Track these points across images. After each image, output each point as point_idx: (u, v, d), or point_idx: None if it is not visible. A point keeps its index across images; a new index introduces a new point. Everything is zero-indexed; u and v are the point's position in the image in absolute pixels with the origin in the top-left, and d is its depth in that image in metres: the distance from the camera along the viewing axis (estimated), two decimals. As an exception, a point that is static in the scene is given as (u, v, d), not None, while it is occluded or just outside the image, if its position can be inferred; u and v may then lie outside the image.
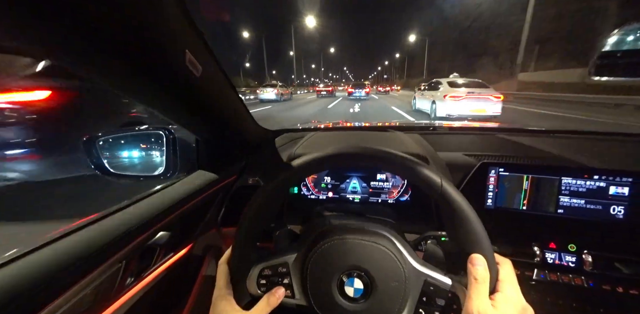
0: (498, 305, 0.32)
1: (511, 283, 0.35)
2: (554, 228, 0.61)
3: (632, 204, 0.56)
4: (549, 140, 0.85)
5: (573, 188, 0.59)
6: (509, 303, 0.33)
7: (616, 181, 0.57)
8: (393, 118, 7.83)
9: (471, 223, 0.35)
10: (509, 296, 0.33)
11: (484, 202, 0.65)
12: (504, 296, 0.33)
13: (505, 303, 0.33)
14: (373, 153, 0.39)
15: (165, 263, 0.55)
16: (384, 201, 0.74)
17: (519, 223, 0.64)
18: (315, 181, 0.77)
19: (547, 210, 0.61)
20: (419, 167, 0.37)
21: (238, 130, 0.68)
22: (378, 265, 0.38)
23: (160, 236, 0.54)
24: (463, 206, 0.35)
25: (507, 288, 0.34)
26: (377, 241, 0.39)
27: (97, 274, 0.39)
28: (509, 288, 0.34)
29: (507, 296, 0.33)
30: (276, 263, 0.41)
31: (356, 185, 0.75)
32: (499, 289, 0.34)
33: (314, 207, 0.69)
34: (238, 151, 0.75)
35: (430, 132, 0.97)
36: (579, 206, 0.59)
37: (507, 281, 0.35)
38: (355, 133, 0.91)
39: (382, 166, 0.43)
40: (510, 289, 0.34)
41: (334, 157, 0.40)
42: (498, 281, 0.35)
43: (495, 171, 0.64)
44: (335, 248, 0.39)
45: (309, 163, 0.40)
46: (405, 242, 0.42)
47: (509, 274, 0.36)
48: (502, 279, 0.35)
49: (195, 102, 0.48)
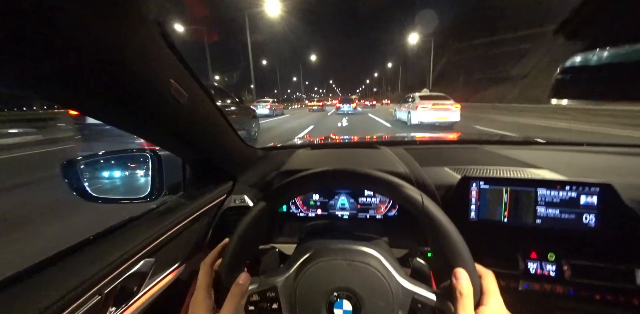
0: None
1: (495, 295, 0.36)
2: (534, 238, 0.63)
3: (601, 212, 0.59)
4: (528, 151, 0.90)
5: (548, 199, 0.62)
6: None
7: (585, 191, 0.60)
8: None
9: (452, 239, 0.36)
10: (493, 309, 0.35)
11: (467, 215, 0.67)
12: (489, 310, 0.34)
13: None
14: (357, 175, 0.40)
15: (148, 292, 0.53)
16: (373, 217, 0.75)
17: (502, 234, 0.66)
18: (304, 199, 0.77)
19: (527, 221, 0.64)
20: (401, 187, 0.39)
21: (225, 151, 0.69)
22: (366, 285, 0.38)
23: (143, 264, 0.52)
24: (444, 222, 0.37)
25: (491, 301, 0.35)
26: (364, 261, 0.39)
27: (75, 308, 0.38)
28: (493, 300, 0.35)
29: (492, 309, 0.34)
30: (264, 288, 0.41)
31: (344, 202, 0.76)
32: (483, 303, 0.35)
33: (302, 225, 0.70)
34: (225, 171, 0.75)
35: (414, 146, 1.01)
36: (555, 216, 0.62)
37: (491, 293, 0.36)
38: (342, 151, 0.92)
39: (367, 187, 0.44)
40: (494, 301, 0.35)
41: (321, 178, 0.41)
42: (482, 294, 0.36)
43: (476, 185, 0.67)
44: (323, 269, 0.39)
45: (296, 185, 0.41)
46: (393, 260, 0.42)
47: (492, 287, 0.37)
48: (486, 292, 0.36)
49: (181, 127, 0.48)
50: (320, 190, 0.77)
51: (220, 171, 0.75)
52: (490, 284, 0.37)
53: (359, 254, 0.41)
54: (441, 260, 0.37)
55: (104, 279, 0.41)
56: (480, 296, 0.36)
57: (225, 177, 0.77)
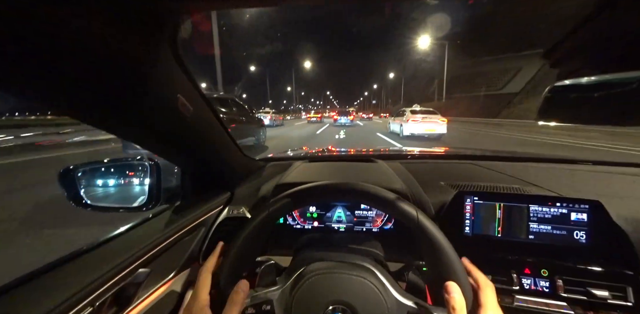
0: None
1: (492, 308, 0.36)
2: (527, 254, 0.64)
3: (591, 229, 0.61)
4: (520, 167, 0.92)
5: (540, 215, 0.64)
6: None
7: (575, 207, 0.62)
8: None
9: (446, 253, 0.37)
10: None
11: (462, 229, 0.68)
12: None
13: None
14: (354, 189, 0.42)
15: (142, 303, 0.52)
16: (369, 230, 0.75)
17: (496, 249, 0.67)
18: (301, 211, 0.78)
19: (520, 236, 0.65)
20: (397, 202, 0.40)
21: (224, 162, 0.70)
22: (361, 298, 0.38)
23: (138, 274, 0.51)
24: (438, 237, 0.38)
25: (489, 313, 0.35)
26: (359, 274, 0.40)
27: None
28: (491, 312, 0.35)
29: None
30: (260, 301, 0.40)
31: (341, 214, 0.76)
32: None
33: (299, 237, 0.70)
34: (223, 182, 0.76)
35: (410, 160, 1.03)
36: (547, 232, 0.63)
37: (487, 306, 0.36)
38: (340, 165, 0.94)
39: (363, 201, 0.45)
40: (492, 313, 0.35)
41: (319, 192, 0.42)
42: (479, 307, 0.36)
43: (470, 200, 0.68)
44: (319, 283, 0.40)
45: (295, 198, 0.42)
46: (388, 273, 0.43)
47: (489, 299, 0.37)
48: (483, 305, 0.36)
49: (184, 138, 0.49)
50: (318, 203, 0.77)
51: (218, 182, 0.75)
52: (487, 297, 0.37)
53: (355, 267, 0.41)
54: (435, 274, 0.38)
55: (96, 291, 0.41)
56: (476, 309, 0.36)
57: (223, 188, 0.77)
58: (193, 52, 22.72)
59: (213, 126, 0.56)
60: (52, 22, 0.24)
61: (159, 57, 0.34)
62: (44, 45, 0.25)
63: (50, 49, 0.26)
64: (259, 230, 0.42)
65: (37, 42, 0.25)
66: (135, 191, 0.70)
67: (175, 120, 0.42)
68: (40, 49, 0.25)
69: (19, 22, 0.23)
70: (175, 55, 0.37)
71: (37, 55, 0.26)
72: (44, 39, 0.25)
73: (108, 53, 0.29)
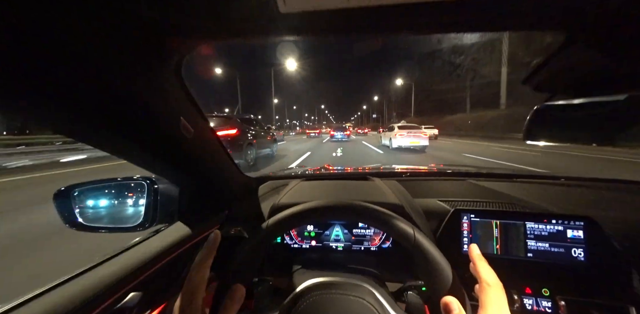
0: None
1: (496, 308, 0.34)
2: (527, 272, 0.63)
3: (588, 246, 0.61)
4: (514, 185, 0.93)
5: (537, 232, 0.64)
6: None
7: (571, 225, 0.62)
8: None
9: (443, 272, 0.37)
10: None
11: (460, 247, 0.68)
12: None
13: None
14: (351, 208, 0.42)
15: None
16: (367, 249, 0.75)
17: (495, 267, 0.66)
18: (299, 230, 0.77)
19: (518, 254, 0.64)
20: (394, 220, 0.40)
21: (222, 181, 0.70)
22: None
23: (131, 298, 0.50)
24: (436, 256, 0.38)
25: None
26: (358, 295, 0.39)
27: None
28: (492, 313, 0.33)
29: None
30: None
31: (339, 233, 0.76)
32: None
33: (296, 257, 0.69)
34: (221, 201, 0.76)
35: (407, 178, 1.04)
36: (545, 249, 0.63)
37: (492, 306, 0.34)
38: (336, 183, 0.95)
39: (361, 220, 0.46)
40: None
41: (316, 212, 0.42)
42: (482, 307, 0.34)
43: (467, 218, 0.69)
44: (317, 304, 0.39)
45: (292, 218, 0.42)
46: (387, 294, 0.42)
47: (495, 298, 0.34)
48: (486, 305, 0.34)
49: (184, 158, 0.50)
50: (315, 222, 0.77)
51: (216, 201, 0.75)
52: (489, 297, 0.35)
53: (353, 288, 0.41)
54: (434, 293, 0.38)
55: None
56: (478, 310, 0.34)
57: (220, 207, 0.77)
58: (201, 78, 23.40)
59: (212, 146, 0.58)
60: (60, 47, 0.26)
61: (164, 83, 0.36)
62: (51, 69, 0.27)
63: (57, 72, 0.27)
64: (255, 250, 0.42)
65: (45, 65, 0.26)
66: (131, 211, 0.69)
67: (176, 141, 0.43)
68: (47, 72, 0.27)
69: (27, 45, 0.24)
70: (179, 81, 0.39)
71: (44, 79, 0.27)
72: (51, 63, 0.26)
73: (115, 79, 0.30)
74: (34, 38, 0.24)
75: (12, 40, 0.23)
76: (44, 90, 0.28)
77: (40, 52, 0.25)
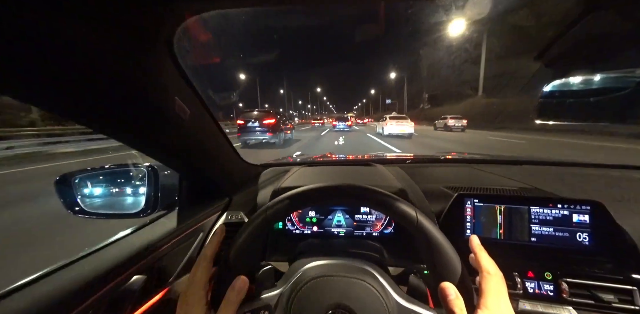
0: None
1: (495, 295, 0.34)
2: (530, 257, 0.63)
3: (594, 231, 0.60)
4: (521, 170, 0.92)
5: (541, 217, 0.63)
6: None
7: (577, 209, 0.61)
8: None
9: (447, 255, 0.36)
10: (492, 311, 0.33)
11: (463, 232, 0.67)
12: (487, 313, 0.33)
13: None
14: (354, 190, 0.41)
15: (138, 310, 0.50)
16: (369, 234, 0.74)
17: (498, 252, 0.65)
18: (300, 216, 0.77)
19: (522, 239, 0.64)
20: (396, 203, 0.39)
21: (222, 167, 0.69)
22: (361, 302, 0.37)
23: (134, 281, 0.50)
24: (439, 238, 0.37)
25: (490, 302, 0.33)
26: (360, 278, 0.39)
27: None
28: (491, 301, 0.34)
29: (490, 311, 0.33)
30: (258, 306, 0.39)
31: (341, 219, 0.76)
32: (482, 306, 0.33)
33: (298, 243, 0.69)
34: (222, 187, 0.75)
35: (410, 164, 1.02)
36: (549, 234, 0.62)
37: (491, 293, 0.34)
38: (338, 169, 0.94)
39: (363, 203, 0.45)
40: (493, 302, 0.34)
41: (317, 194, 0.41)
42: (480, 297, 0.34)
43: (470, 203, 0.68)
44: (319, 286, 0.39)
45: (293, 200, 0.42)
46: (389, 277, 0.42)
47: (495, 286, 0.35)
48: (484, 294, 0.34)
49: (181, 142, 0.49)
50: (317, 207, 0.76)
51: (217, 187, 0.75)
52: (495, 284, 0.35)
53: (355, 270, 0.40)
54: (436, 276, 0.37)
55: (91, 297, 0.40)
56: (478, 298, 0.34)
57: (222, 193, 0.77)
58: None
59: (211, 131, 0.56)
60: (50, 26, 0.24)
61: (156, 61, 0.34)
62: (42, 48, 0.25)
63: (47, 51, 0.26)
64: (256, 234, 0.42)
65: (36, 45, 0.25)
66: (133, 198, 0.69)
67: (172, 123, 0.42)
68: (38, 52, 0.25)
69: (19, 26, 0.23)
70: (172, 59, 0.37)
71: (35, 58, 0.26)
72: (42, 43, 0.25)
73: (104, 55, 0.29)
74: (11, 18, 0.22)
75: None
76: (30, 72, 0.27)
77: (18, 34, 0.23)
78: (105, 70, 0.30)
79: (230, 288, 0.37)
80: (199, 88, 0.49)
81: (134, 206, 0.66)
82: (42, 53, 0.25)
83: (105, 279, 0.42)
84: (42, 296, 0.35)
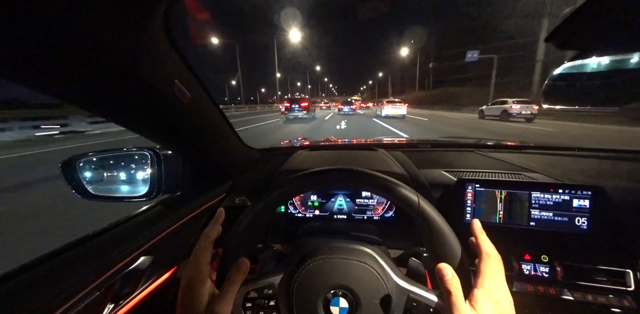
0: (477, 305, 0.33)
1: (492, 276, 0.35)
2: (528, 240, 0.64)
3: (593, 215, 0.60)
4: (523, 156, 0.91)
5: (542, 201, 0.64)
6: (488, 298, 0.33)
7: (578, 194, 0.62)
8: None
9: (447, 238, 0.37)
10: (488, 290, 0.34)
11: (463, 216, 0.68)
12: (483, 292, 0.34)
13: (484, 298, 0.33)
14: (356, 174, 0.41)
15: (146, 289, 0.53)
16: (370, 218, 0.76)
17: (496, 236, 0.66)
18: (302, 200, 0.78)
19: (521, 223, 0.65)
20: (398, 187, 0.39)
21: (224, 151, 0.69)
22: (362, 283, 0.39)
23: (142, 261, 0.52)
24: (439, 222, 0.38)
25: (486, 282, 0.34)
26: (360, 259, 0.40)
27: (73, 304, 0.38)
28: (488, 281, 0.35)
29: (486, 290, 0.34)
30: (262, 285, 0.41)
31: (342, 203, 0.77)
32: (478, 285, 0.34)
33: (300, 226, 0.70)
34: (225, 171, 0.76)
35: (412, 149, 1.02)
36: (548, 218, 0.63)
37: (488, 274, 0.35)
38: (340, 153, 0.93)
39: (364, 187, 0.45)
40: (489, 282, 0.35)
41: (319, 178, 0.42)
42: (477, 277, 0.35)
43: (471, 187, 0.68)
44: (320, 267, 0.40)
45: (295, 184, 0.42)
46: (389, 259, 0.43)
47: (489, 268, 0.36)
48: (481, 274, 0.35)
49: (183, 126, 0.49)
50: (319, 191, 0.77)
51: (220, 171, 0.75)
52: (492, 265, 0.36)
53: (356, 252, 0.42)
54: (435, 258, 0.38)
55: (102, 276, 0.42)
56: (475, 279, 0.35)
57: (225, 177, 0.77)
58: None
59: (212, 114, 0.56)
60: (41, 3, 0.23)
61: (152, 39, 0.33)
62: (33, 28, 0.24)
63: (39, 31, 0.25)
64: (259, 217, 0.43)
65: (26, 25, 0.24)
66: (137, 181, 0.70)
67: (172, 106, 0.41)
68: (29, 33, 0.24)
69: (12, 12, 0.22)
70: (169, 38, 0.36)
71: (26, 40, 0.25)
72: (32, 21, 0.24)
73: (98, 32, 0.28)
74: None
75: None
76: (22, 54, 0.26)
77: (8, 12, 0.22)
78: (101, 48, 0.29)
79: (234, 268, 0.38)
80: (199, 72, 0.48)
81: (139, 190, 0.67)
82: (33, 34, 0.25)
83: (113, 260, 0.44)
84: (52, 275, 0.36)
